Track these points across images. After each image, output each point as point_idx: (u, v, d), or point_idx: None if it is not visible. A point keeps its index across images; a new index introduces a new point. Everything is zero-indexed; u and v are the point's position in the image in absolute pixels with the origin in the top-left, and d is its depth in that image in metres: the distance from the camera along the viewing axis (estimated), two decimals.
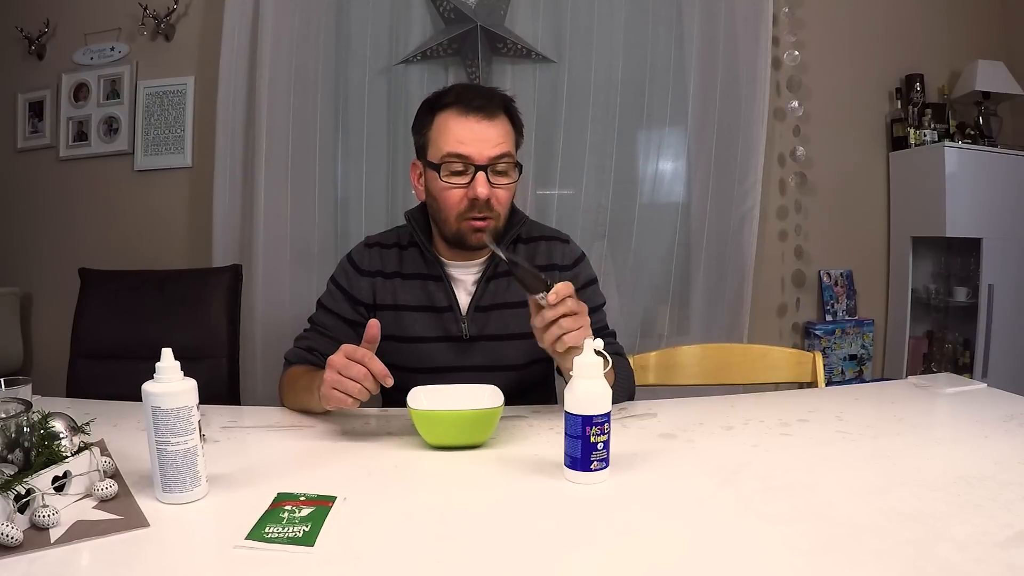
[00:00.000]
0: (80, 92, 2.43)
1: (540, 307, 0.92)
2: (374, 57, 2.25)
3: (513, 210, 1.23)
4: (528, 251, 1.23)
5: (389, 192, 2.28)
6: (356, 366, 0.90)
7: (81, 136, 2.43)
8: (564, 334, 0.91)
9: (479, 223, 1.11)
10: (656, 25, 2.32)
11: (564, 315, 0.91)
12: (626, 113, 2.31)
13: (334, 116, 2.28)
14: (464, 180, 1.10)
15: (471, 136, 1.08)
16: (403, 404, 0.95)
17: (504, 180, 1.12)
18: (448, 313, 1.18)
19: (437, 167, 1.11)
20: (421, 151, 1.17)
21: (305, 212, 2.25)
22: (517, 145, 1.17)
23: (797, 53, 2.43)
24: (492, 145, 1.09)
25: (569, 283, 0.92)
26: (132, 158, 2.40)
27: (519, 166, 1.15)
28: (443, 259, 1.20)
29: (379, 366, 0.90)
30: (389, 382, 0.90)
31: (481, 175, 1.08)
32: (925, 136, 2.48)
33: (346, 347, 0.93)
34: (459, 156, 1.09)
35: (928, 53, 2.59)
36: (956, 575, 0.58)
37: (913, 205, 2.53)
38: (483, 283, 1.19)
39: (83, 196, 2.44)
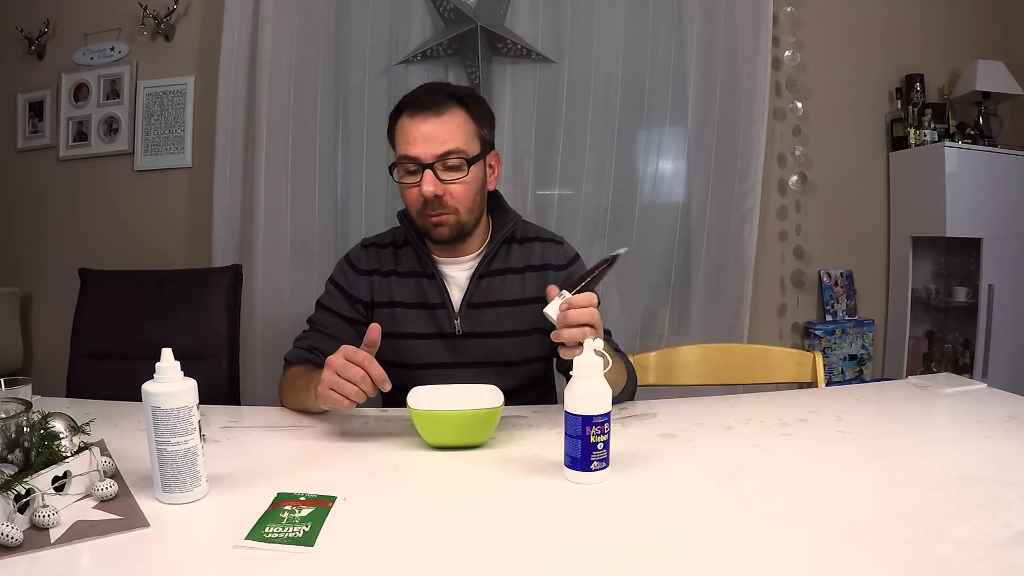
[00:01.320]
0: (80, 92, 2.43)
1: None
2: (374, 57, 2.26)
3: (505, 209, 1.24)
4: (523, 251, 1.24)
5: (389, 192, 2.28)
6: (354, 368, 0.90)
7: (81, 136, 2.43)
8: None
9: (436, 218, 1.13)
10: (656, 25, 2.32)
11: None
12: (626, 113, 2.31)
13: (334, 116, 2.28)
14: (416, 179, 1.12)
15: (417, 135, 1.11)
16: (403, 404, 0.95)
17: (455, 175, 1.12)
18: (441, 310, 1.19)
19: (394, 169, 1.15)
20: None
21: (305, 212, 2.25)
22: (481, 136, 1.16)
23: (797, 53, 2.43)
24: (438, 143, 1.10)
25: (591, 296, 0.92)
26: (132, 158, 2.40)
27: (475, 159, 1.13)
28: (436, 256, 1.22)
29: (378, 370, 0.91)
30: (387, 387, 0.90)
31: (428, 173, 1.10)
32: (925, 136, 2.48)
33: (346, 348, 0.93)
34: (408, 157, 1.12)
35: (928, 53, 2.59)
36: (956, 575, 0.58)
37: (913, 205, 2.53)
38: (475, 280, 1.20)
39: (83, 196, 2.45)
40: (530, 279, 1.22)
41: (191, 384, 0.74)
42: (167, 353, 0.74)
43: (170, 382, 0.73)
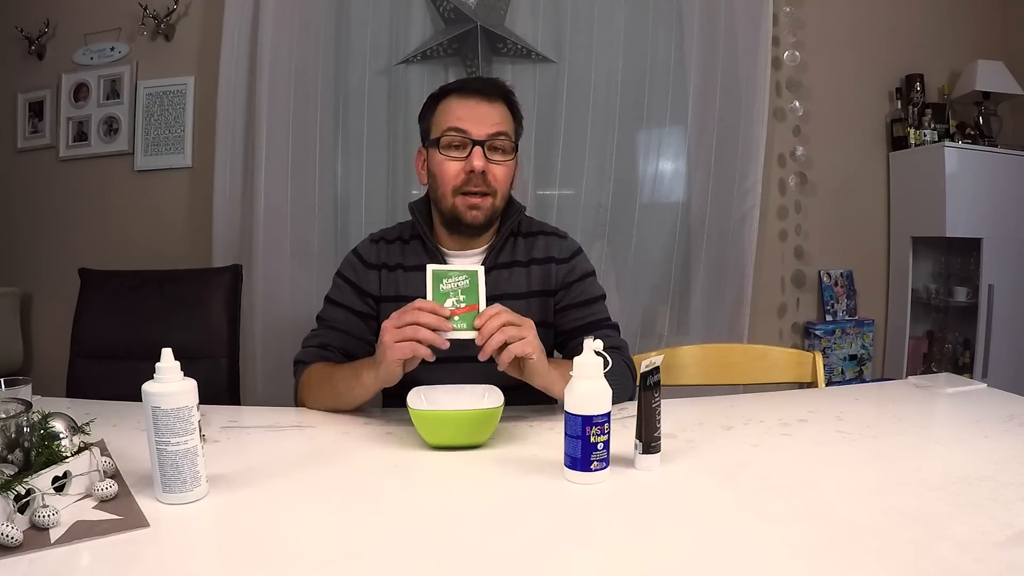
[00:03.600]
0: (80, 92, 2.43)
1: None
2: (374, 57, 2.26)
3: (510, 200, 1.24)
4: (527, 245, 1.24)
5: (389, 192, 2.28)
6: (409, 313, 0.92)
7: (81, 136, 2.43)
8: (510, 342, 0.93)
9: (475, 199, 1.14)
10: (656, 25, 2.32)
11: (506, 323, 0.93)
12: (626, 113, 2.31)
13: (334, 116, 2.28)
14: (462, 154, 1.14)
15: (469, 113, 1.14)
16: (403, 404, 0.95)
17: (501, 157, 1.16)
18: None
19: (437, 142, 1.15)
20: (425, 136, 1.21)
21: (305, 212, 2.25)
22: (516, 135, 1.20)
23: (797, 53, 2.43)
24: (490, 123, 1.14)
25: (496, 305, 0.95)
26: (132, 158, 2.40)
27: (516, 149, 1.19)
28: (444, 249, 1.22)
29: (427, 308, 0.92)
30: (445, 312, 0.93)
31: (478, 149, 1.13)
32: (925, 136, 2.48)
33: (393, 314, 0.95)
34: (458, 130, 1.13)
35: (928, 53, 2.59)
36: (956, 575, 0.58)
37: (913, 205, 2.53)
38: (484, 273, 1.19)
39: (83, 196, 2.44)
40: (535, 272, 1.22)
41: (191, 384, 0.74)
42: (167, 353, 0.74)
43: (170, 382, 0.73)
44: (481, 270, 0.97)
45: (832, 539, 0.65)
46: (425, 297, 0.94)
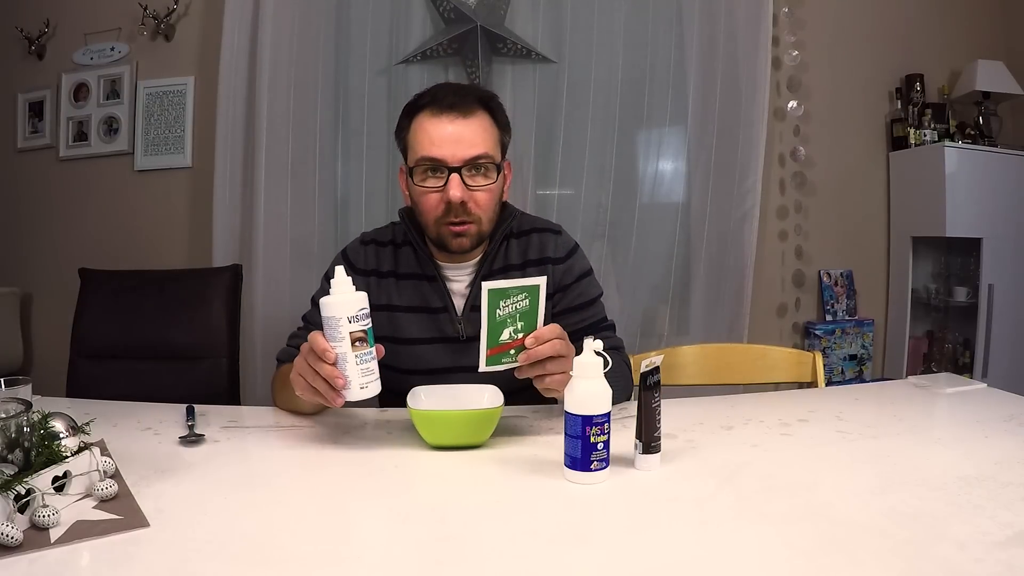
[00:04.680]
0: (80, 92, 2.43)
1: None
2: (374, 57, 2.26)
3: (504, 206, 1.20)
4: (520, 245, 1.20)
5: (389, 192, 2.28)
6: (310, 363, 0.86)
7: (81, 136, 2.43)
8: (547, 376, 0.89)
9: (458, 227, 1.08)
10: (656, 25, 2.32)
11: (550, 357, 0.88)
12: (626, 113, 2.31)
13: (334, 116, 2.28)
14: (439, 183, 1.06)
15: (444, 137, 1.05)
16: (403, 404, 0.95)
17: (482, 181, 1.07)
18: (443, 314, 1.16)
19: (412, 171, 1.09)
20: (404, 155, 1.14)
21: (305, 212, 2.25)
22: (503, 143, 1.14)
23: (797, 53, 2.43)
24: (467, 146, 1.05)
25: (556, 326, 0.90)
26: (132, 158, 2.40)
27: (500, 166, 1.11)
28: (437, 260, 1.17)
29: (328, 370, 0.84)
30: (339, 382, 0.85)
31: (455, 177, 1.04)
32: (925, 136, 2.48)
33: (304, 346, 0.88)
34: (432, 159, 1.05)
35: (928, 53, 2.59)
36: (956, 575, 0.58)
37: (913, 205, 2.53)
38: (478, 283, 1.17)
39: (83, 196, 2.45)
40: (531, 275, 1.19)
41: (345, 298, 0.85)
42: (340, 271, 0.86)
43: (334, 294, 0.85)
44: (543, 284, 0.87)
45: (832, 539, 0.65)
46: (472, 312, 0.88)
